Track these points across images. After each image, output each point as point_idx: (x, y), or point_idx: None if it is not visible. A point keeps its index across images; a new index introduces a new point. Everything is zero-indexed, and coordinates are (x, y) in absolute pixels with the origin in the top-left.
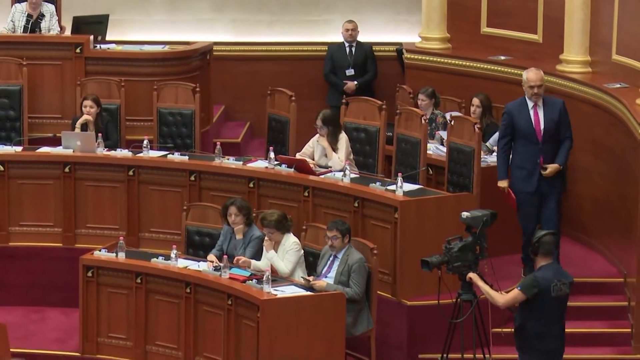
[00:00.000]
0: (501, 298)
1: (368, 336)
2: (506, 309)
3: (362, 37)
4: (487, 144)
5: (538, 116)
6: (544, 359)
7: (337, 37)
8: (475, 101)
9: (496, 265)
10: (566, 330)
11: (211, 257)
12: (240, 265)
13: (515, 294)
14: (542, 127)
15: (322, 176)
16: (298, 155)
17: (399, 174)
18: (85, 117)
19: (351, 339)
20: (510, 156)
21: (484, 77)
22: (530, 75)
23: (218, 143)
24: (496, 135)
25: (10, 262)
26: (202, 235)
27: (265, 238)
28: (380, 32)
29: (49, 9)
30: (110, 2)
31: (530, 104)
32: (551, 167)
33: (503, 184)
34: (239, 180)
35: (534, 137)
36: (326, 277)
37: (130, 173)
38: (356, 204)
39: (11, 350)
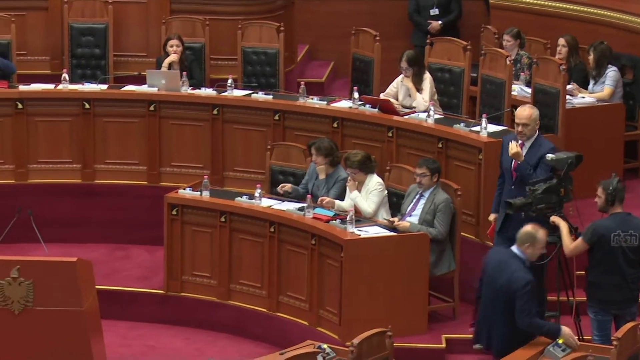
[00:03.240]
0: (569, 246)
1: (451, 277)
2: None
3: None
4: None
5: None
6: (603, 308)
7: None
8: (562, 41)
9: (581, 208)
10: None
11: (285, 185)
12: (324, 206)
13: (578, 242)
14: (517, 167)
15: (406, 117)
16: (382, 96)
17: (484, 115)
18: (172, 57)
19: (434, 280)
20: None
21: (570, 18)
22: (518, 111)
23: (302, 82)
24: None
25: (95, 200)
26: (285, 174)
27: (349, 178)
28: None
29: None
30: None
31: (520, 141)
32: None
33: (491, 217)
34: (322, 120)
35: (510, 176)
36: (411, 215)
37: (215, 112)
38: (440, 145)
39: (96, 287)
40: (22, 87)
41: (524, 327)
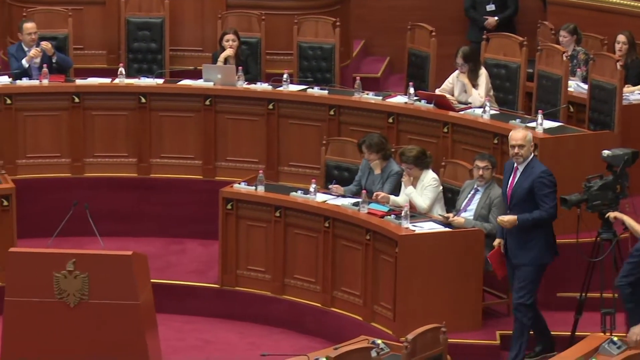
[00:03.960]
0: None
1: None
2: None
3: None
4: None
5: (514, 179)
6: None
7: None
8: (621, 38)
9: (637, 204)
10: None
11: (337, 187)
12: (379, 201)
13: None
14: (511, 191)
15: (462, 112)
16: (438, 91)
17: (540, 111)
18: (227, 51)
19: (488, 276)
20: None
21: (626, 14)
22: (512, 133)
23: (358, 78)
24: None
25: (150, 194)
26: (341, 169)
27: (404, 174)
28: None
29: None
30: None
31: (515, 165)
32: (508, 218)
33: (496, 242)
34: (378, 115)
35: (506, 200)
36: (466, 211)
37: (270, 107)
38: (496, 141)
39: (151, 281)
40: (79, 81)
41: None
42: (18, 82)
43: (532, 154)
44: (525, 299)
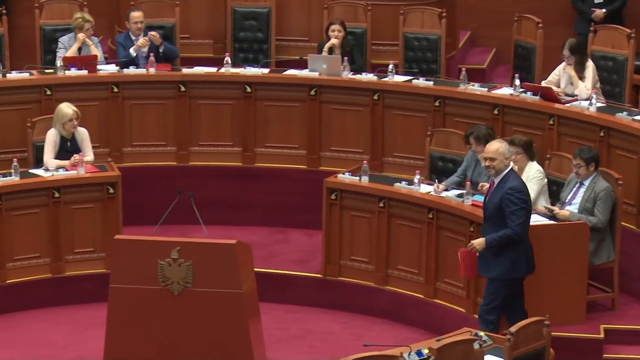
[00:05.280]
0: None
1: (610, 267)
2: None
3: None
4: None
5: (490, 192)
6: None
7: None
8: None
9: None
10: None
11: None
12: (484, 192)
13: None
14: (484, 204)
15: (568, 105)
16: (544, 83)
17: None
18: (332, 41)
19: (593, 269)
20: None
21: None
22: (487, 145)
23: (463, 69)
24: None
25: (255, 183)
26: (445, 161)
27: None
28: None
29: None
30: None
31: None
32: (477, 242)
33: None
34: (483, 106)
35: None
36: (571, 204)
37: (375, 97)
38: (602, 134)
39: (255, 270)
40: (185, 70)
41: None
42: (125, 70)
43: (509, 168)
44: (487, 314)
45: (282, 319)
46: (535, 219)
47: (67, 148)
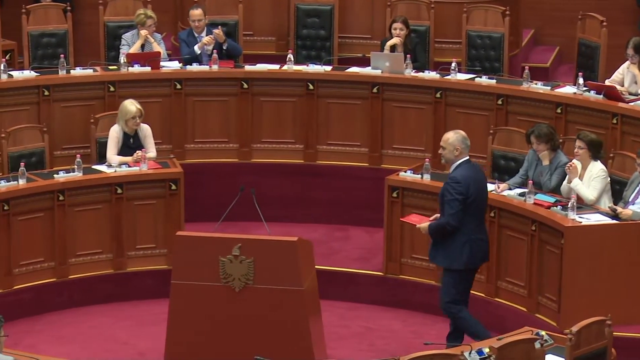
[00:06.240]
0: None
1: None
2: None
3: None
4: None
5: None
6: None
7: None
8: None
9: None
10: None
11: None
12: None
13: None
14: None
15: (632, 103)
16: (607, 82)
17: None
18: (395, 39)
19: None
20: None
21: None
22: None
23: (526, 67)
24: None
25: (316, 180)
26: (507, 159)
27: (568, 164)
28: None
29: None
30: None
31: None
32: (422, 226)
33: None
34: (546, 105)
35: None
36: (634, 204)
37: (438, 95)
38: None
39: (316, 267)
40: (248, 67)
41: None
42: (188, 67)
43: (461, 160)
44: (446, 305)
45: (342, 316)
46: (598, 219)
47: (130, 144)
